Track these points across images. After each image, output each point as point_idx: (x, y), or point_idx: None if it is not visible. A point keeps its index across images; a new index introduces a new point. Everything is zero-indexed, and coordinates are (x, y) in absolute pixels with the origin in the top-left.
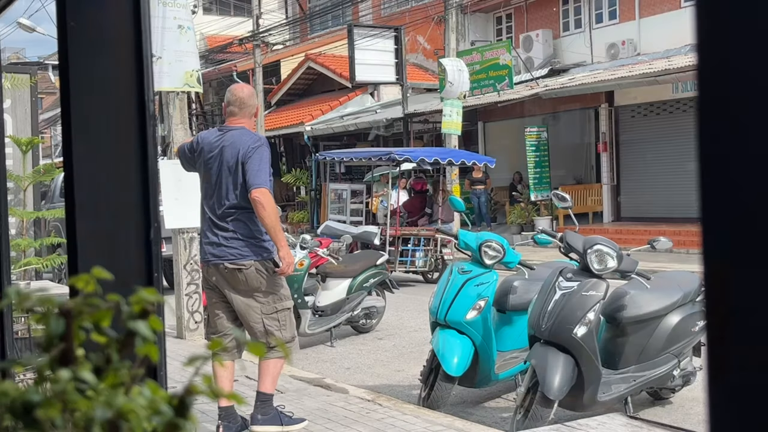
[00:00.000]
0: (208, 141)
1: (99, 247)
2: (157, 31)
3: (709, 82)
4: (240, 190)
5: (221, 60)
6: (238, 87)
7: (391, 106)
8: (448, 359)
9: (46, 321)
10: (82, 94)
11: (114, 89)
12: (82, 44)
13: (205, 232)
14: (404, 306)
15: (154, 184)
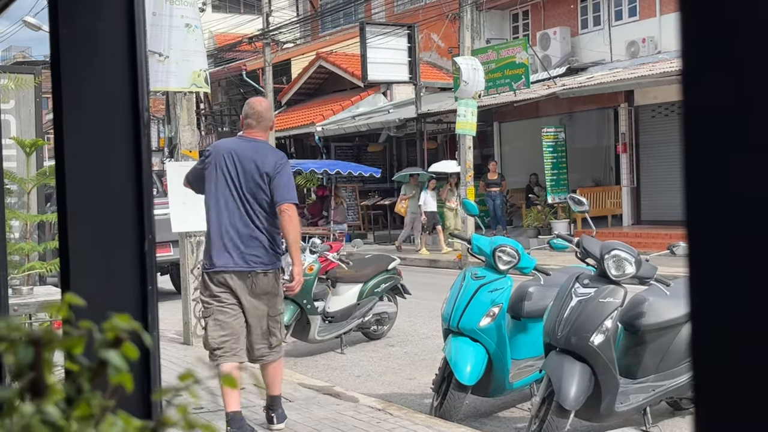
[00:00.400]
0: (227, 148)
1: (91, 260)
2: (164, 29)
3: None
4: (265, 202)
5: (230, 59)
6: (256, 101)
7: (404, 105)
8: (461, 367)
9: (14, 350)
10: (75, 102)
11: (107, 97)
12: (74, 52)
13: (223, 240)
14: (416, 312)
15: (148, 194)
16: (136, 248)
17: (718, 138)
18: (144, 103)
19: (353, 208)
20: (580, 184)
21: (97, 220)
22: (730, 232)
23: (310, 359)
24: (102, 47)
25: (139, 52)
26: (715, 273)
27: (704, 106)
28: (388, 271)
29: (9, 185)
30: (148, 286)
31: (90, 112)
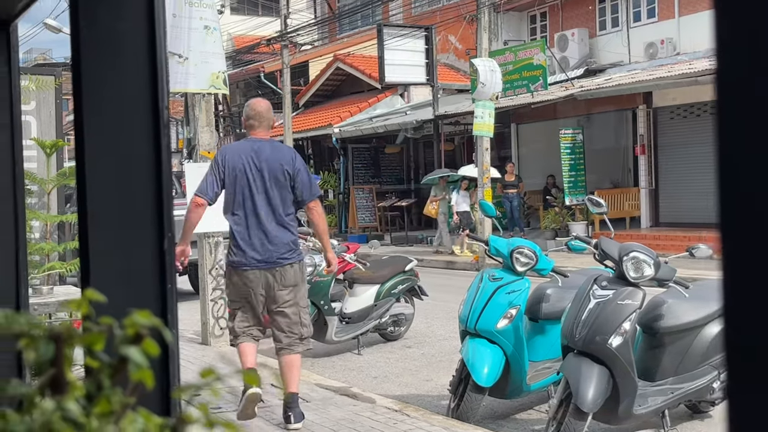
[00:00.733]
0: (243, 151)
1: (111, 259)
2: (184, 31)
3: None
4: (288, 199)
5: (249, 61)
6: (256, 102)
7: (421, 107)
8: (478, 369)
9: (35, 346)
10: (95, 102)
11: (127, 97)
12: (95, 52)
13: (252, 239)
14: (434, 313)
15: (168, 192)
16: (155, 247)
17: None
18: (164, 103)
19: (370, 210)
20: (598, 186)
21: (117, 219)
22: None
23: (327, 360)
24: (123, 47)
25: (159, 52)
26: (748, 272)
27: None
28: (405, 272)
29: (29, 186)
30: (168, 284)
31: (110, 111)
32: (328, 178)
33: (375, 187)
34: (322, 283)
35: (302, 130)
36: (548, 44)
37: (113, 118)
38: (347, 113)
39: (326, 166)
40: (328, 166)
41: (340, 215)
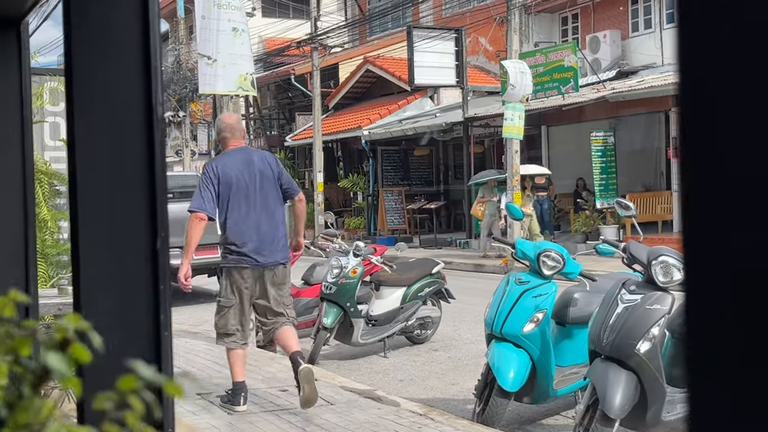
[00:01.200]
0: (228, 162)
1: (102, 258)
2: (212, 33)
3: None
4: (279, 200)
5: (279, 63)
6: (225, 116)
7: (451, 109)
8: (504, 374)
9: None
10: (86, 96)
11: (120, 91)
12: (86, 44)
13: (251, 239)
14: (461, 316)
15: (162, 190)
16: (148, 246)
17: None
18: (158, 98)
19: (399, 212)
20: (630, 189)
21: (108, 218)
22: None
23: (352, 362)
24: (116, 42)
25: (154, 48)
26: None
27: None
28: (432, 275)
29: (58, 186)
30: (161, 285)
31: (102, 107)
32: (357, 180)
33: (404, 190)
34: (348, 285)
35: (332, 133)
36: (580, 46)
37: (105, 114)
38: (377, 115)
39: (355, 168)
40: (358, 168)
41: (368, 217)
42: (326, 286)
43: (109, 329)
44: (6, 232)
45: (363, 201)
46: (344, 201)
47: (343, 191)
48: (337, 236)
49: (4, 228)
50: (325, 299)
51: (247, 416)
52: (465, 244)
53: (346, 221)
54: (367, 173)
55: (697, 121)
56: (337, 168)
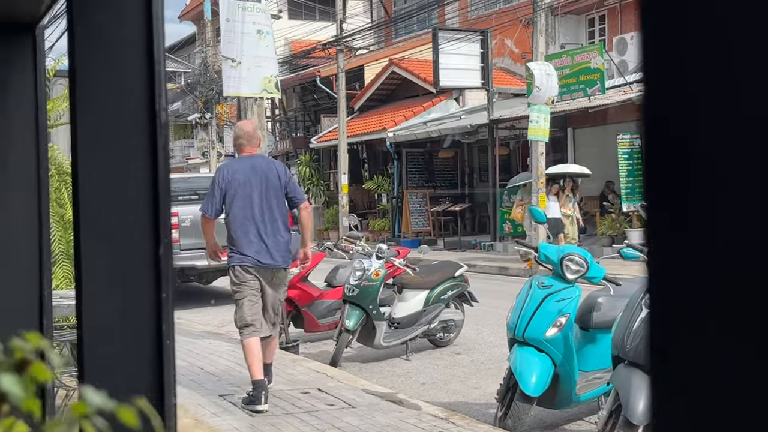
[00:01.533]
0: (238, 169)
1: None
2: (237, 36)
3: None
4: (283, 206)
5: (305, 65)
6: (243, 123)
7: (476, 111)
8: (526, 378)
9: None
10: (90, 102)
11: (123, 98)
12: (90, 52)
13: (252, 241)
14: (484, 320)
15: (165, 197)
16: (151, 254)
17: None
18: (161, 104)
19: (423, 214)
20: None
21: (111, 224)
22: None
23: (375, 365)
24: (119, 49)
25: (157, 55)
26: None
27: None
28: (455, 278)
29: None
30: (163, 293)
31: (106, 114)
32: (381, 182)
33: (428, 192)
34: (371, 287)
35: (357, 134)
36: (606, 48)
37: (109, 121)
38: (402, 117)
39: (380, 170)
40: (382, 170)
41: (393, 220)
42: (349, 289)
43: (110, 337)
44: (21, 234)
45: (387, 203)
46: (369, 203)
47: (367, 193)
48: (360, 238)
49: (19, 231)
50: (348, 301)
51: (269, 418)
52: (489, 247)
53: (370, 223)
54: (392, 175)
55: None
56: (362, 170)
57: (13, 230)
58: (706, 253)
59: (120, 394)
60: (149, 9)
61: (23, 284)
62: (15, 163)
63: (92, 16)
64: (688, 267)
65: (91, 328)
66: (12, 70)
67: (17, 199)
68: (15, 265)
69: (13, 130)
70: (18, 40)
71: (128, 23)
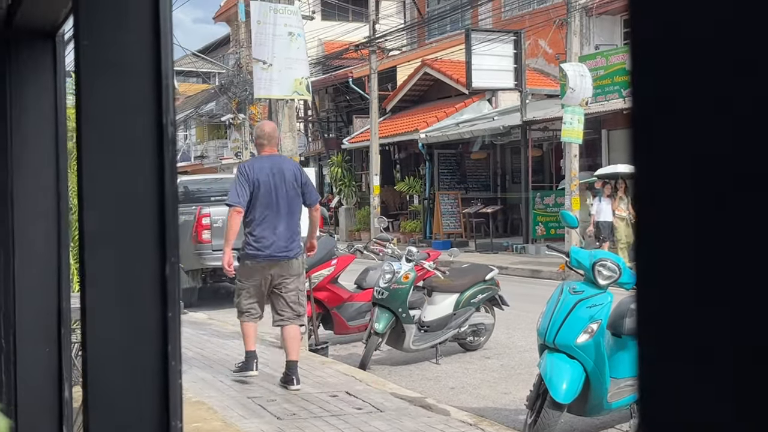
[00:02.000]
0: (261, 167)
1: (110, 284)
2: (268, 38)
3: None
4: (299, 204)
5: (337, 66)
6: (263, 124)
7: (509, 113)
8: (556, 385)
9: None
10: (96, 114)
11: (130, 111)
12: (96, 66)
13: (269, 236)
14: (515, 324)
15: (172, 214)
16: (157, 272)
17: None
18: (169, 118)
19: (455, 216)
20: None
21: (116, 241)
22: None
23: (404, 368)
24: (126, 60)
25: (165, 66)
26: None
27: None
28: (485, 281)
29: None
30: (169, 312)
31: (112, 127)
32: (413, 183)
33: (460, 193)
34: (400, 290)
35: (388, 136)
36: None
37: (115, 136)
38: (434, 118)
39: (412, 171)
40: (414, 171)
41: (424, 221)
42: (378, 291)
43: (115, 357)
44: (40, 246)
45: (419, 204)
46: (400, 204)
47: (399, 194)
48: (390, 241)
49: (39, 241)
50: (377, 304)
51: (296, 421)
52: (521, 250)
53: (401, 224)
54: (424, 176)
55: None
56: (394, 171)
57: (33, 240)
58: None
59: (125, 416)
60: (157, 22)
61: (42, 296)
62: (35, 171)
63: (99, 29)
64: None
65: (95, 348)
66: (33, 76)
67: (37, 206)
68: (35, 277)
69: (33, 137)
70: (39, 47)
71: (135, 37)
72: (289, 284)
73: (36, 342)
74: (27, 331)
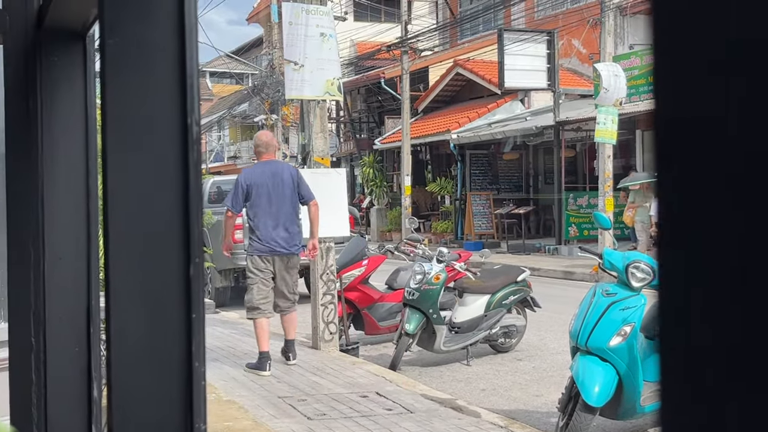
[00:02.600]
0: (262, 172)
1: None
2: (300, 39)
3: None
4: (297, 204)
5: (369, 67)
6: (260, 134)
7: (542, 113)
8: (589, 388)
9: None
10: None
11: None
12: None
13: (271, 232)
14: (547, 326)
15: (196, 214)
16: (181, 273)
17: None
18: (194, 117)
19: (487, 217)
20: None
21: (140, 242)
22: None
23: (434, 369)
24: (150, 59)
25: (190, 65)
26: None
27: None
28: (517, 282)
29: None
30: (193, 313)
31: (135, 126)
32: (445, 184)
33: (492, 194)
34: (431, 291)
35: (420, 136)
36: None
37: (139, 134)
38: (466, 119)
39: (443, 172)
40: (446, 172)
41: (456, 222)
42: (409, 292)
43: (139, 358)
44: (70, 241)
45: (450, 205)
46: (432, 205)
47: (430, 195)
48: (421, 241)
49: (69, 237)
50: (408, 305)
51: (327, 421)
52: (554, 251)
53: (433, 225)
54: (455, 177)
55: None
56: (426, 171)
57: (62, 240)
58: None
59: (148, 416)
60: (182, 21)
61: (72, 295)
62: (65, 172)
63: (124, 27)
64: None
65: (119, 348)
66: (64, 78)
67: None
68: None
69: (63, 139)
70: (69, 48)
71: (160, 35)
72: (288, 278)
73: (66, 341)
74: (57, 330)
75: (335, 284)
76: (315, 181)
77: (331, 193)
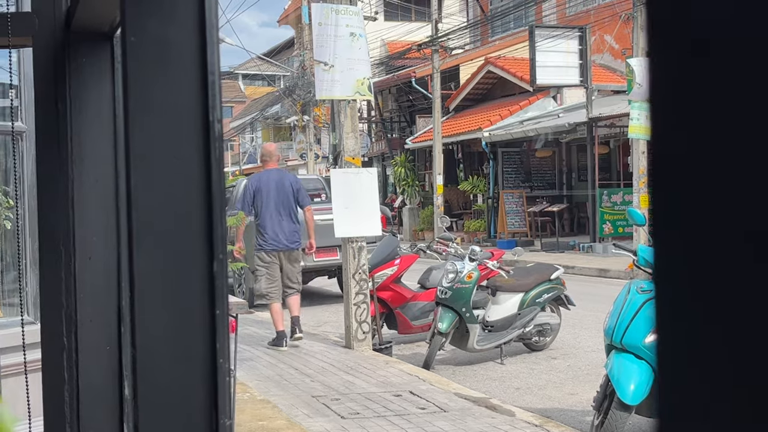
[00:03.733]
0: (268, 179)
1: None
2: (329, 39)
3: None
4: (295, 206)
5: (400, 66)
6: (266, 145)
7: (574, 109)
8: (624, 386)
9: None
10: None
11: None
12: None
13: (275, 230)
14: (582, 324)
15: (220, 211)
16: (204, 270)
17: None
18: (216, 115)
19: (520, 215)
20: None
21: (164, 239)
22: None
23: (468, 368)
24: (172, 57)
25: (211, 61)
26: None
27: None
28: (551, 280)
29: None
30: (217, 310)
31: (157, 124)
32: (477, 182)
33: (525, 192)
34: (463, 290)
35: (452, 135)
36: None
37: (162, 133)
38: (497, 117)
39: (475, 170)
40: (478, 170)
41: (489, 220)
42: (441, 291)
43: (163, 354)
44: (100, 241)
45: (483, 203)
46: (464, 203)
47: (463, 194)
48: (453, 240)
49: (99, 237)
50: (441, 304)
51: (360, 420)
52: (588, 249)
53: (465, 224)
54: (487, 175)
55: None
56: (457, 170)
57: (93, 240)
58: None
59: (173, 413)
60: (203, 18)
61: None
62: (94, 172)
63: (145, 25)
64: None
65: (143, 345)
66: (92, 78)
67: (96, 206)
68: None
69: (91, 139)
70: (97, 49)
71: (181, 32)
72: (291, 269)
73: (97, 340)
74: (88, 330)
75: (368, 283)
76: (346, 181)
77: (363, 193)
